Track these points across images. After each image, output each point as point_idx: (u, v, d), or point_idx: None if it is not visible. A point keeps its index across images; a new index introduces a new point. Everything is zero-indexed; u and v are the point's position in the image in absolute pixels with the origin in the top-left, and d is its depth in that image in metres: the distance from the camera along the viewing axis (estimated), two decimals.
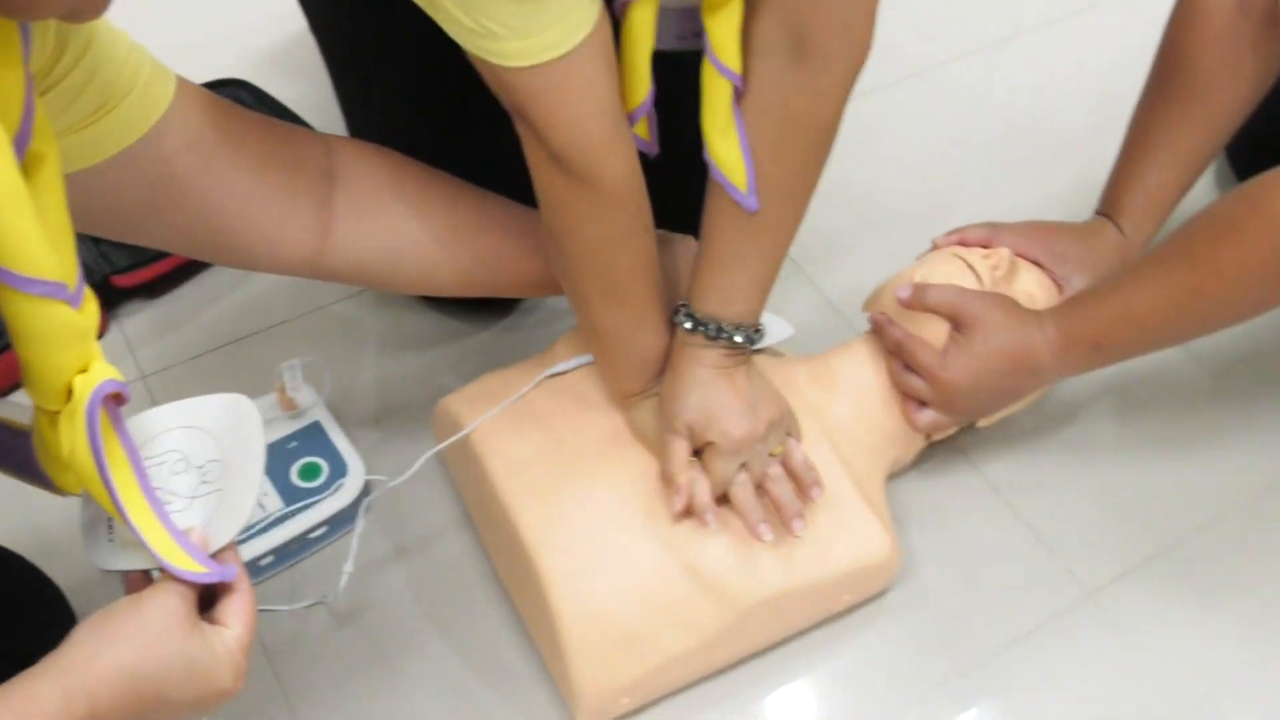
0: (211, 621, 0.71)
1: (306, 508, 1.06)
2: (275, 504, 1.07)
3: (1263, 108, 1.09)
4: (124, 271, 1.22)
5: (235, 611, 0.72)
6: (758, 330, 0.96)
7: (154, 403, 1.16)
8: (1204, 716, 1.02)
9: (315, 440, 1.10)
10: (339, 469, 1.09)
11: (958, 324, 1.03)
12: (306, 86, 1.40)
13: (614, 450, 0.99)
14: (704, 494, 0.95)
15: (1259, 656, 1.05)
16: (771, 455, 0.97)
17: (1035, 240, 1.12)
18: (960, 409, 1.05)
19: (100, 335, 1.20)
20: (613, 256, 0.91)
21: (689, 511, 0.95)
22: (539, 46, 0.76)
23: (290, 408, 1.11)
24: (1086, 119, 1.43)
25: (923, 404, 1.06)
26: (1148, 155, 1.11)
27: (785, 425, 0.98)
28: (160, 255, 1.24)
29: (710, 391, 0.94)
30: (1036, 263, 1.12)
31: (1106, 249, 1.10)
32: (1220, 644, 1.06)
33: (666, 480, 0.96)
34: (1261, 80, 1.06)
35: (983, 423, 1.12)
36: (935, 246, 1.12)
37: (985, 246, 1.11)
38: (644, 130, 0.90)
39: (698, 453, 0.96)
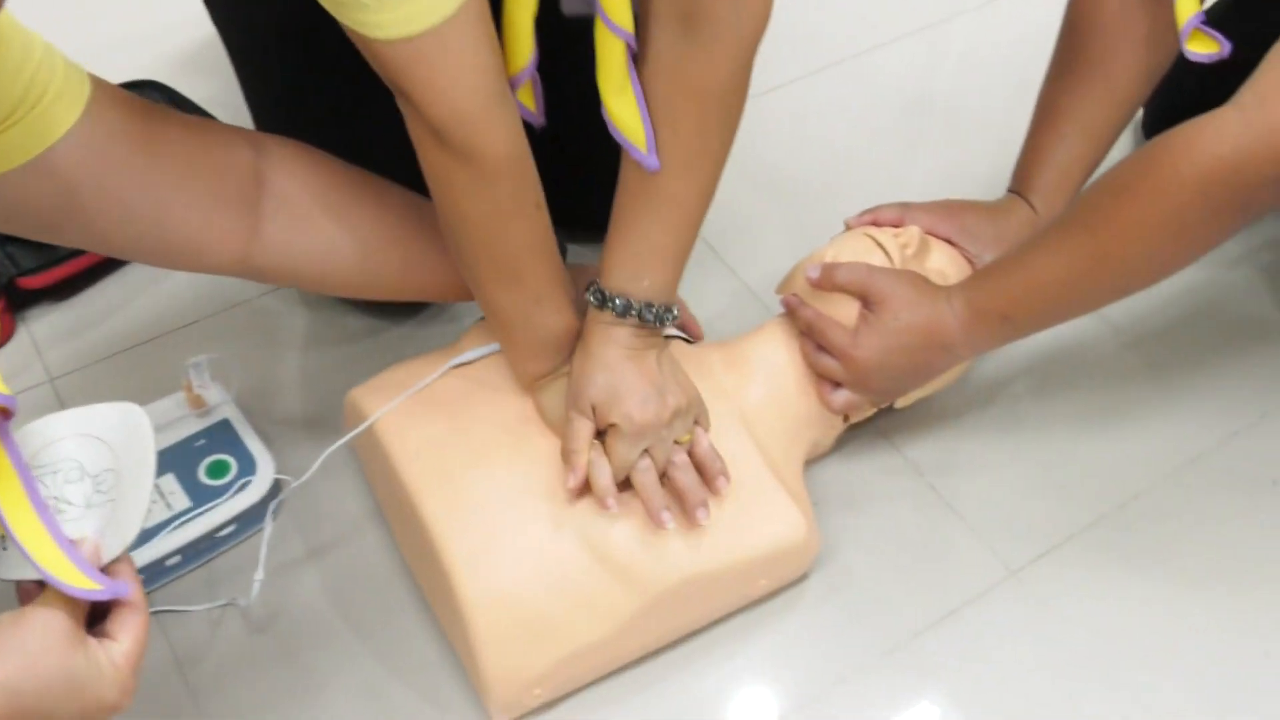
0: (101, 635, 0.70)
1: (214, 506, 1.04)
2: (182, 502, 1.05)
3: (1173, 79, 1.09)
4: (31, 273, 1.20)
5: (126, 625, 0.71)
6: (669, 310, 0.95)
7: (61, 405, 1.15)
8: (1130, 690, 1.01)
9: (224, 438, 1.08)
10: (247, 466, 1.07)
11: (867, 302, 1.02)
12: (220, 85, 1.38)
13: (521, 435, 0.98)
14: (604, 477, 0.93)
15: (1184, 628, 1.05)
16: (678, 443, 0.96)
17: (947, 218, 1.11)
18: (874, 387, 1.04)
19: (4, 341, 1.20)
20: (502, 233, 0.89)
21: (584, 490, 0.94)
22: (408, 16, 0.74)
23: (198, 405, 1.09)
24: (1006, 104, 1.43)
25: (837, 385, 1.05)
26: (1054, 130, 1.10)
27: (693, 413, 0.97)
28: (70, 255, 1.22)
29: (617, 373, 0.93)
30: (949, 241, 1.11)
31: (1018, 225, 1.10)
32: (1145, 618, 1.05)
33: (565, 458, 0.94)
34: (1161, 49, 1.06)
35: (901, 403, 1.11)
36: (848, 227, 1.12)
37: (898, 226, 1.10)
38: (528, 98, 0.89)
39: (602, 436, 0.95)
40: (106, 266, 1.26)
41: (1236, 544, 1.10)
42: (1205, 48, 0.96)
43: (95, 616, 0.71)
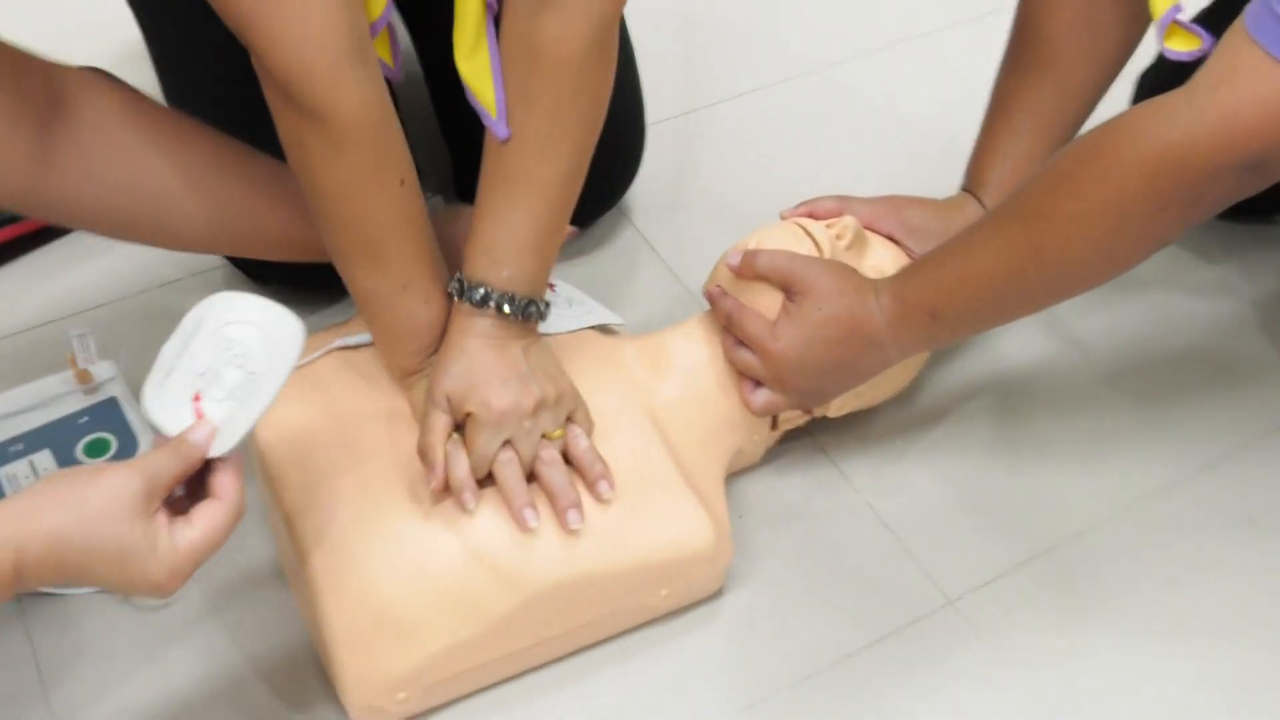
0: (178, 515, 0.70)
1: None
2: None
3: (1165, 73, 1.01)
4: None
5: (205, 515, 0.71)
6: (533, 303, 0.88)
7: None
8: None
9: (108, 415, 1.02)
10: (128, 445, 1.01)
11: (789, 292, 0.94)
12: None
13: (391, 429, 0.91)
14: (461, 470, 0.86)
15: (1137, 677, 0.94)
16: (549, 439, 0.88)
17: (888, 213, 1.04)
18: (794, 385, 0.95)
19: None
20: (361, 208, 0.84)
21: (448, 489, 0.87)
22: None
23: (85, 380, 1.03)
24: (975, 122, 1.36)
25: (759, 384, 0.97)
26: (1006, 126, 1.03)
27: (565, 408, 0.89)
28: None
29: (475, 361, 0.86)
30: (890, 237, 1.03)
31: (965, 223, 1.01)
32: (1093, 662, 0.95)
33: (421, 455, 0.87)
34: (1120, 40, 0.99)
35: (834, 411, 1.03)
36: (783, 219, 1.04)
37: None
38: (384, 50, 0.83)
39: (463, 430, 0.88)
40: (29, 240, 1.21)
41: (1203, 586, 1.00)
42: (1185, 44, 0.88)
43: (190, 499, 0.72)
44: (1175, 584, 1.00)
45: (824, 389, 0.97)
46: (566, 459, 0.90)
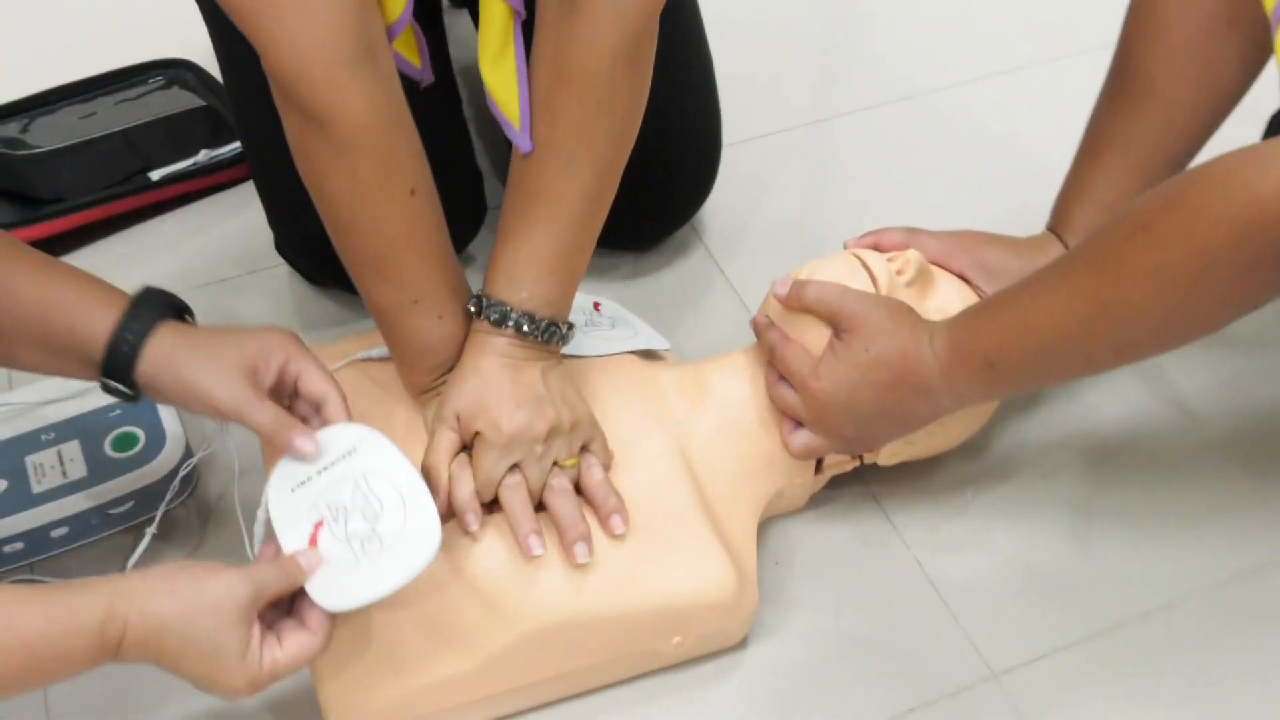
0: (270, 632, 0.74)
1: (109, 478, 0.96)
2: (79, 472, 0.97)
3: None
4: (4, 228, 1.16)
5: (295, 642, 0.74)
6: (555, 325, 0.84)
7: (10, 383, 1.09)
8: None
9: (139, 409, 1.00)
10: (157, 441, 0.99)
11: (838, 328, 0.88)
12: None
13: (405, 446, 0.86)
14: (464, 491, 0.82)
15: None
16: (561, 467, 0.83)
17: (961, 250, 0.96)
18: (836, 429, 0.89)
19: None
20: (367, 218, 0.80)
21: (452, 512, 0.83)
22: None
23: None
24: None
25: (801, 424, 0.91)
26: (1097, 164, 0.94)
27: (581, 436, 0.85)
28: (51, 214, 1.19)
29: (488, 381, 0.82)
30: (962, 276, 0.96)
31: None
32: None
33: (425, 474, 0.83)
34: (1228, 80, 0.90)
35: (885, 459, 0.95)
36: (845, 249, 0.97)
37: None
38: (409, 50, 0.80)
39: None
40: (92, 230, 1.21)
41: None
42: None
43: (279, 614, 0.76)
44: (1248, 677, 0.90)
45: (869, 436, 0.90)
46: (580, 490, 0.85)
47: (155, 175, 1.24)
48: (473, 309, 0.84)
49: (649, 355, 0.98)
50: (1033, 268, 0.92)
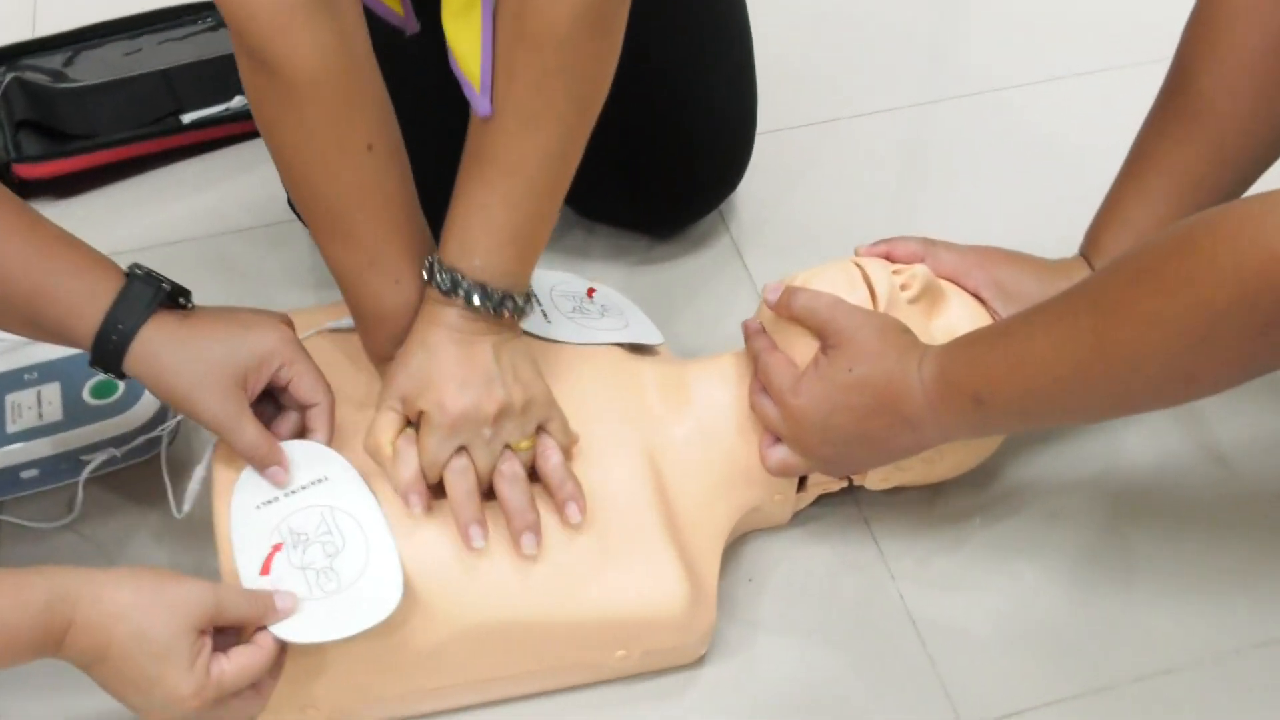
0: (221, 648, 0.72)
1: (84, 424, 0.95)
2: (54, 415, 0.95)
3: None
4: (31, 161, 1.16)
5: (243, 657, 0.72)
6: (509, 298, 0.78)
7: None
8: None
9: None
10: (135, 389, 0.97)
11: (824, 342, 0.82)
12: None
13: (365, 418, 0.83)
14: (408, 470, 0.78)
15: None
16: (514, 451, 0.79)
17: (979, 267, 0.89)
18: (813, 449, 0.83)
19: None
20: (320, 172, 0.76)
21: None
22: None
23: None
24: None
25: (780, 439, 0.85)
26: (1136, 186, 0.87)
27: (536, 417, 0.80)
28: (79, 150, 1.18)
29: (435, 356, 0.78)
30: (977, 295, 0.89)
31: None
32: None
33: (371, 455, 0.80)
34: None
35: (874, 483, 0.89)
36: (855, 255, 0.91)
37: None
38: None
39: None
40: (118, 169, 1.20)
41: None
42: None
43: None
44: None
45: (848, 460, 0.84)
46: (535, 477, 0.81)
47: (186, 118, 1.22)
48: (424, 275, 0.79)
49: (640, 350, 0.93)
50: (1053, 290, 0.85)
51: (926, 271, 0.86)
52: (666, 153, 1.06)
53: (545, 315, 0.91)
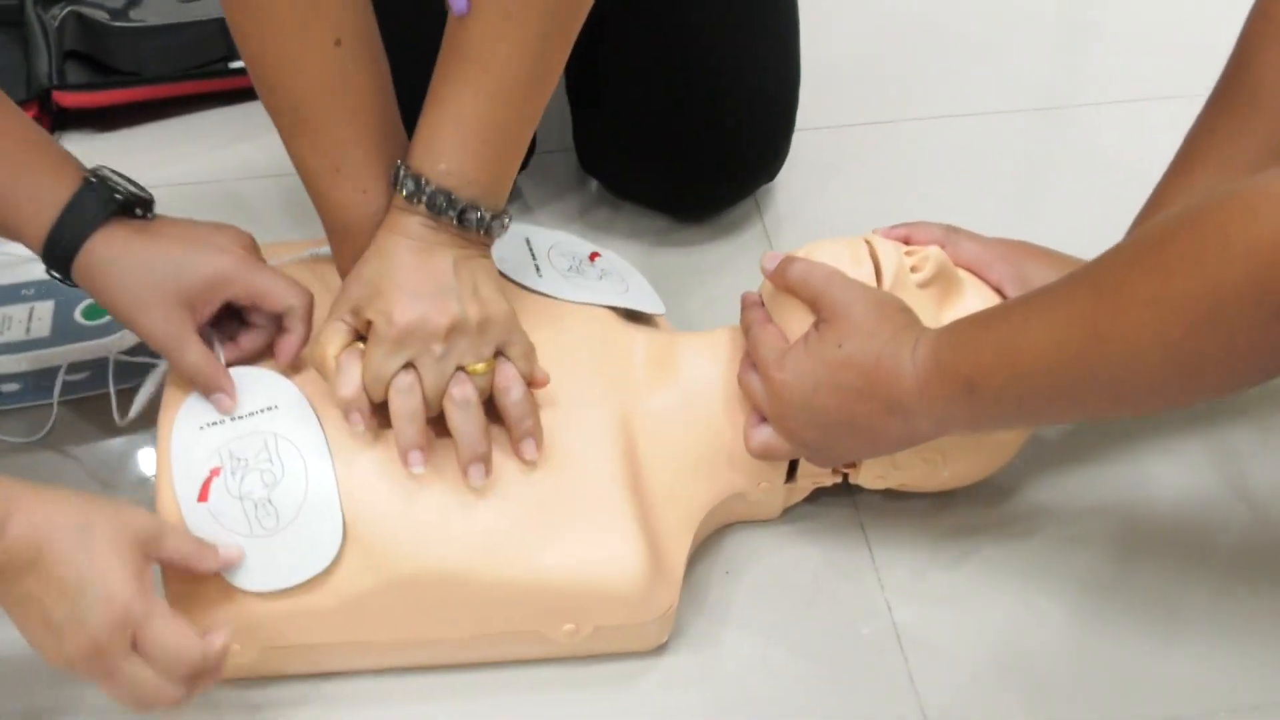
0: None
1: (67, 343, 0.93)
2: (41, 331, 0.94)
3: None
4: (71, 89, 1.15)
5: (183, 630, 0.67)
6: (475, 208, 0.73)
7: None
8: None
9: None
10: None
11: (818, 316, 0.76)
12: None
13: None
14: (350, 384, 0.73)
15: None
16: (468, 374, 0.73)
17: (1003, 260, 0.83)
18: (796, 432, 0.77)
19: None
20: (278, 62, 0.73)
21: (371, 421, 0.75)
22: None
23: None
24: None
25: (765, 419, 0.80)
26: (1183, 182, 0.80)
27: (494, 338, 0.74)
28: (120, 82, 1.17)
29: (388, 264, 0.73)
30: (999, 290, 0.82)
31: None
32: None
33: (316, 366, 0.75)
34: None
35: (867, 480, 0.83)
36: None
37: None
38: None
39: None
40: (158, 107, 1.19)
41: None
42: None
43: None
44: None
45: (834, 448, 0.78)
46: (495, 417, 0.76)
47: (234, 65, 1.21)
48: (391, 180, 0.75)
49: (637, 318, 0.88)
50: None
51: (941, 254, 0.80)
52: (702, 127, 1.02)
53: (538, 269, 0.87)
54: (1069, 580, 0.85)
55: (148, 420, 0.93)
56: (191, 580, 0.73)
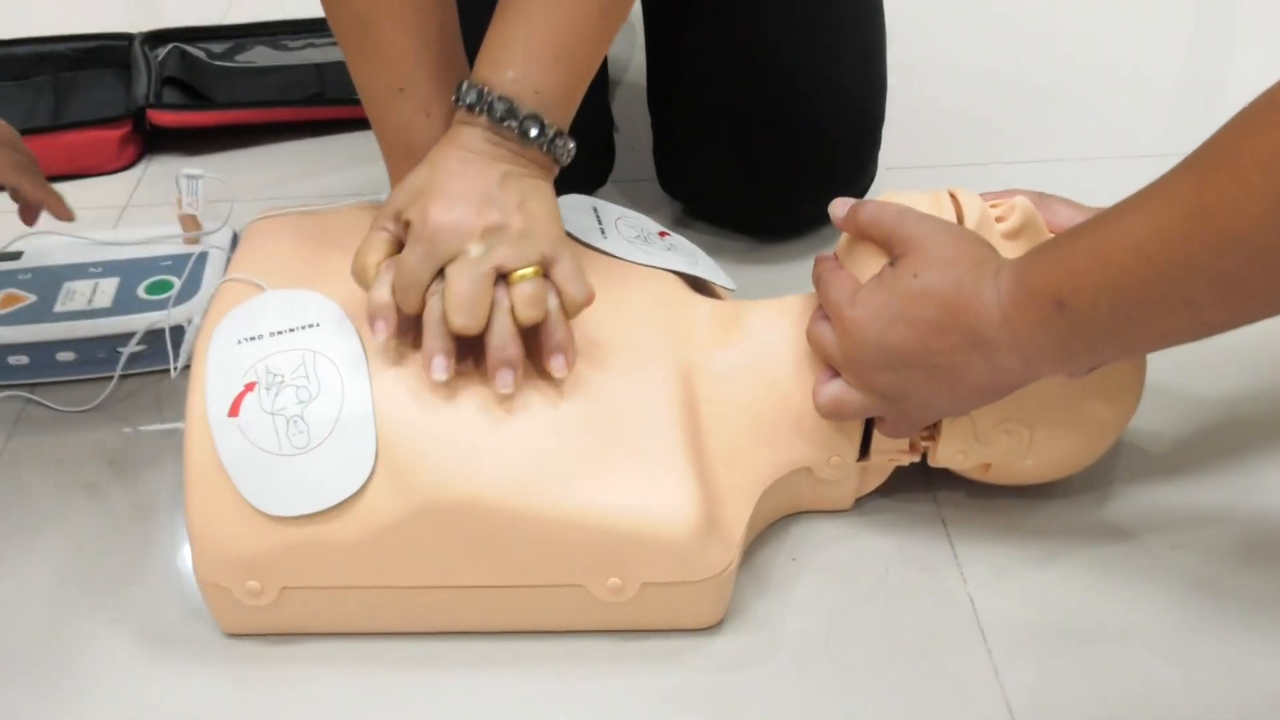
0: None
1: (125, 314, 0.92)
2: (103, 302, 0.93)
3: None
4: (163, 108, 1.17)
5: None
6: (536, 120, 0.70)
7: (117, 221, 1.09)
8: None
9: (190, 268, 0.95)
10: (189, 291, 0.94)
11: (891, 253, 0.71)
12: None
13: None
14: (381, 292, 0.69)
15: None
16: (508, 283, 0.69)
17: None
18: (868, 376, 0.71)
19: (120, 167, 1.17)
20: None
21: (404, 338, 0.71)
22: None
23: (191, 228, 0.98)
24: None
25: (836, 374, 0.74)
26: None
27: (536, 248, 0.69)
28: (213, 104, 1.19)
29: (436, 170, 0.70)
30: None
31: None
32: None
33: (355, 277, 0.71)
34: None
35: (944, 457, 0.76)
36: None
37: None
38: None
39: None
40: (249, 133, 1.21)
41: None
42: None
43: None
44: None
45: (910, 396, 0.71)
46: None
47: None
48: (454, 97, 0.72)
49: (702, 288, 0.84)
50: None
51: (1028, 204, 0.75)
52: (787, 135, 0.98)
53: (603, 233, 0.83)
54: (1174, 586, 0.76)
55: None
56: (213, 503, 0.69)
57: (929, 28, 1.38)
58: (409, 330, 0.71)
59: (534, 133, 0.70)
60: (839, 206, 0.75)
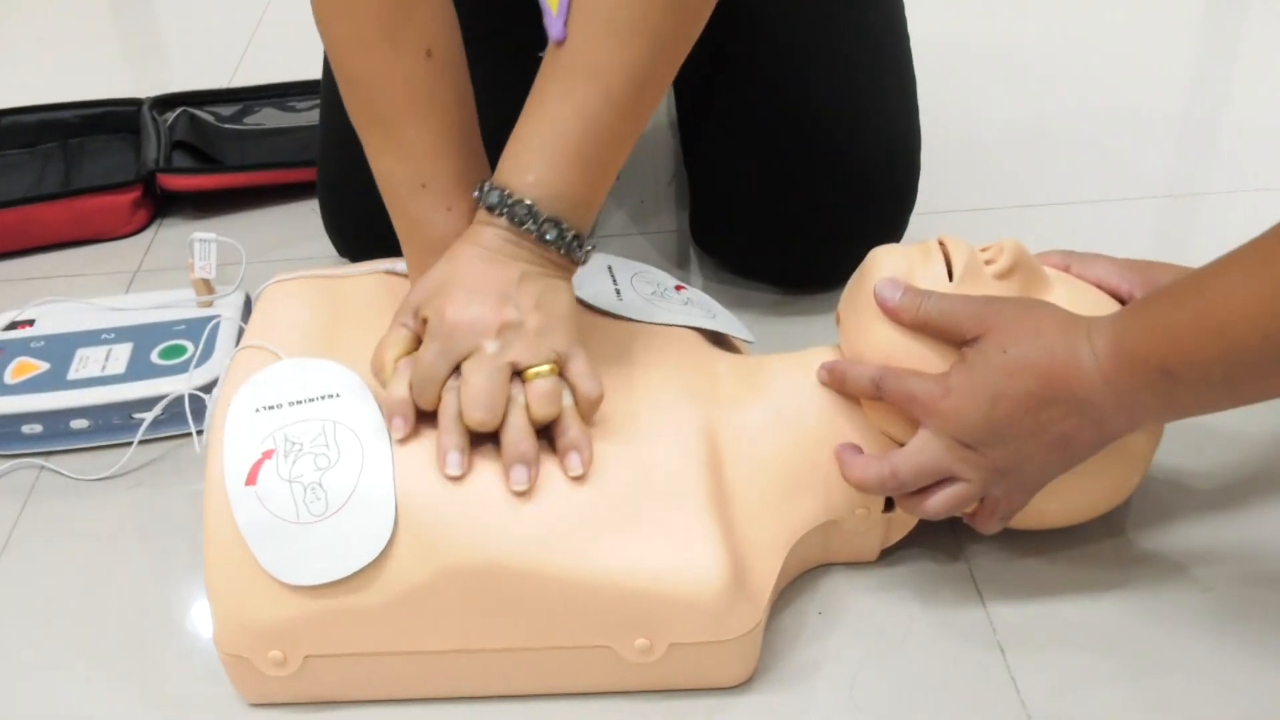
0: None
1: (139, 380, 0.91)
2: (117, 369, 0.93)
3: None
4: (173, 173, 1.18)
5: None
6: (557, 224, 0.70)
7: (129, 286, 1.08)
8: None
9: (205, 333, 0.95)
10: (204, 357, 0.93)
11: (965, 337, 0.69)
12: None
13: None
14: (398, 389, 0.69)
15: None
16: (524, 380, 0.69)
17: (1132, 268, 0.77)
18: (979, 452, 0.68)
19: (130, 232, 1.17)
20: (370, 72, 0.72)
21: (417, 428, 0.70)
22: None
23: (204, 292, 0.98)
24: None
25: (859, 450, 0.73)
26: None
27: (551, 345, 0.69)
28: (223, 168, 1.19)
29: (457, 267, 0.70)
30: (1132, 297, 0.75)
31: None
32: None
33: (374, 372, 0.72)
34: None
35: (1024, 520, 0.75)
36: None
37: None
38: None
39: None
40: (259, 195, 1.21)
41: None
42: None
43: None
44: None
45: (1024, 463, 0.69)
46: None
47: None
48: (475, 194, 0.72)
49: (722, 343, 0.84)
50: None
51: (1017, 244, 0.74)
52: (822, 185, 0.96)
53: (618, 294, 0.83)
54: (1207, 629, 0.75)
55: None
56: (233, 573, 0.68)
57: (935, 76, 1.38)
58: (426, 423, 0.71)
59: (551, 236, 0.70)
60: (889, 288, 0.72)
